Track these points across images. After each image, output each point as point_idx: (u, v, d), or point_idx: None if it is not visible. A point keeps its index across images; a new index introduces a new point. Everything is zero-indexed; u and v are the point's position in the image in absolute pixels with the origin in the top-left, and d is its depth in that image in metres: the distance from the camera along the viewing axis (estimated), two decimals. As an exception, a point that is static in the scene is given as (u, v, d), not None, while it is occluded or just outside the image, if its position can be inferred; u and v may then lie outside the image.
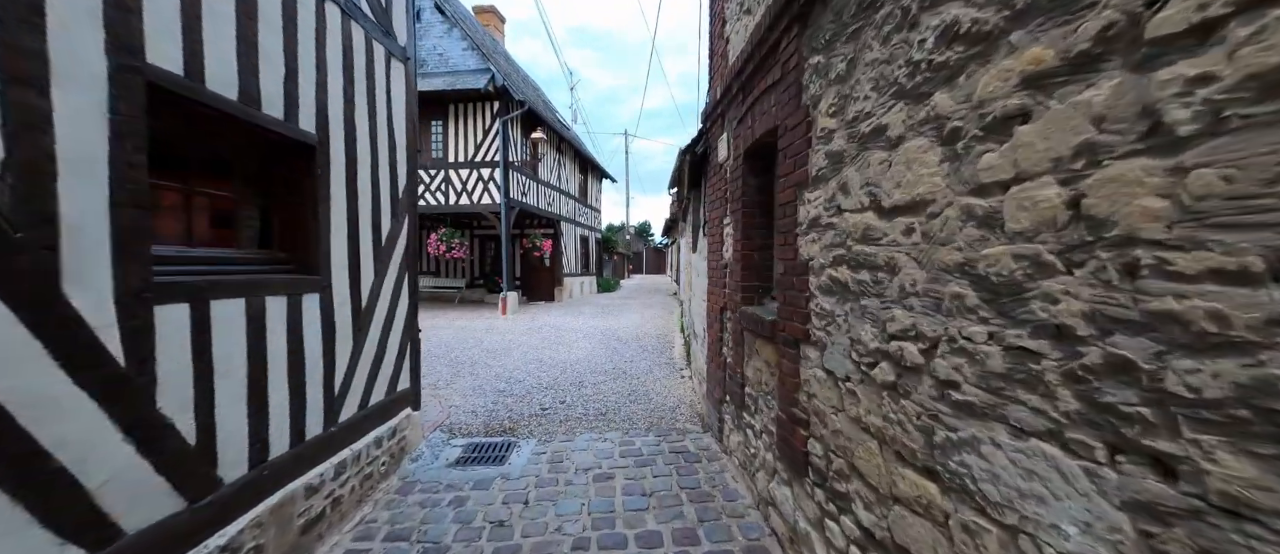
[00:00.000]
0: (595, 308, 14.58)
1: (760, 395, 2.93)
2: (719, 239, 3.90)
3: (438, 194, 12.45)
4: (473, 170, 12.27)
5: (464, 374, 6.26)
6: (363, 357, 3.13)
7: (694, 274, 6.11)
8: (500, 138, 11.96)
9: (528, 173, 13.68)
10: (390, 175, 3.51)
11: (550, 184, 15.83)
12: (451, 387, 5.68)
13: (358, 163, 3.10)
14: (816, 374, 2.10)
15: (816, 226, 2.09)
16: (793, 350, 2.32)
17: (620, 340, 8.80)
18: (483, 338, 8.97)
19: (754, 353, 3.05)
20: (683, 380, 5.94)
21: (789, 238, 2.41)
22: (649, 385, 5.72)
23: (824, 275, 2.01)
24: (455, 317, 12.00)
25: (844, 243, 1.84)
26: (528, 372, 6.37)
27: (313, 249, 2.74)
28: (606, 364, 6.82)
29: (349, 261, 3.01)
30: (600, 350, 7.86)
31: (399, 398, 3.61)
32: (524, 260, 16.71)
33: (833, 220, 1.93)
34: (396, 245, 3.58)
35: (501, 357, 7.35)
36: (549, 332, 9.76)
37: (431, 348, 7.86)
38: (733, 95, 3.42)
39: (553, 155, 16.24)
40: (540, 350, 7.83)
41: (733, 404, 3.50)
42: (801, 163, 2.23)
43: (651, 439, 4.07)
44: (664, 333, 9.72)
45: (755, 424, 3.02)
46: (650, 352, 7.78)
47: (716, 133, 4.04)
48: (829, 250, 1.97)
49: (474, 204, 12.27)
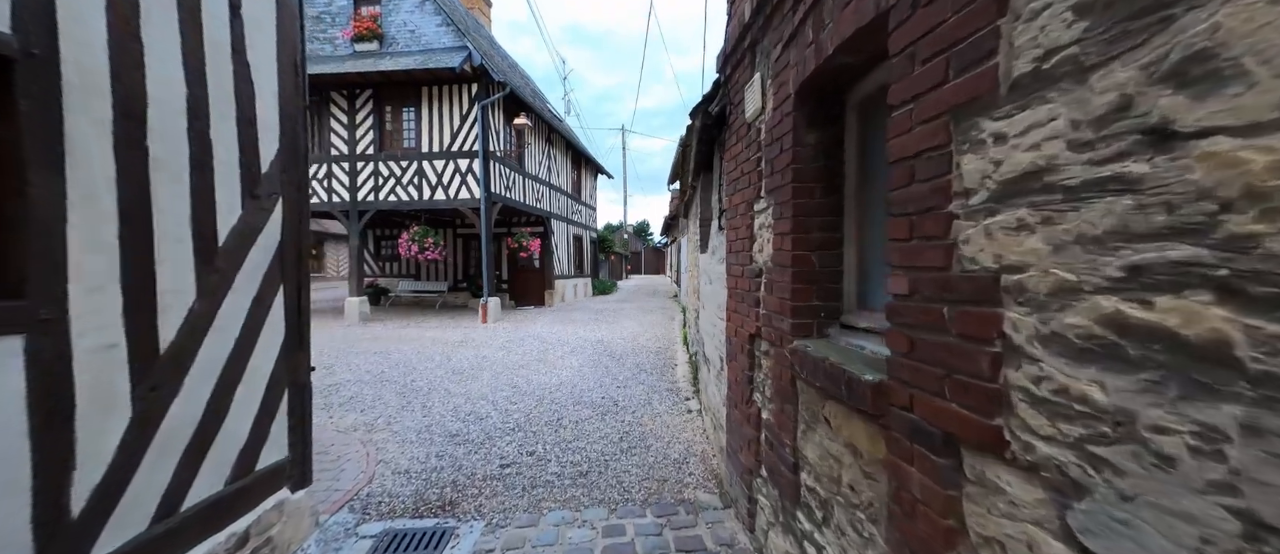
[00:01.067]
0: (588, 314, 13.33)
1: (839, 503, 1.68)
2: (747, 232, 2.66)
3: (410, 188, 11.17)
4: (449, 162, 11.00)
5: (414, 407, 5.00)
6: (163, 431, 1.87)
7: (703, 279, 4.85)
8: (479, 124, 10.69)
9: (512, 165, 12.42)
10: (238, 136, 2.24)
11: (539, 178, 14.56)
12: (391, 427, 4.43)
13: (152, 104, 1.84)
14: (1033, 539, 0.85)
15: (1030, 193, 0.86)
16: (942, 457, 1.08)
17: (614, 356, 7.54)
18: (453, 353, 7.71)
19: (820, 422, 1.81)
20: (690, 416, 4.68)
21: (925, 223, 1.16)
22: (647, 425, 4.46)
23: (1070, 311, 0.77)
24: (431, 325, 10.74)
25: (1168, 229, 0.60)
26: (495, 403, 5.12)
27: (10, 252, 1.48)
28: (594, 392, 5.57)
29: (126, 273, 1.75)
30: (589, 371, 6.60)
31: (262, 480, 2.35)
32: (511, 262, 15.45)
33: (1110, 171, 0.70)
34: (252, 246, 2.32)
35: (468, 380, 6.09)
36: (532, 345, 8.50)
37: (386, 370, 6.60)
38: (774, 6, 2.17)
39: (542, 147, 14.98)
40: (517, 371, 6.57)
41: (775, 487, 2.25)
42: (974, 59, 0.99)
43: (649, 522, 2.83)
44: (664, 346, 8.46)
45: (827, 546, 1.77)
46: (649, 372, 6.52)
47: (741, 78, 2.79)
48: (1093, 249, 0.73)
49: (450, 199, 11.00)
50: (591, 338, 9.18)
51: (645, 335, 9.55)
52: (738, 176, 2.86)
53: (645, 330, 10.19)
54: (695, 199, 6.10)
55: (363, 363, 7.02)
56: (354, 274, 11.41)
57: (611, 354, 7.66)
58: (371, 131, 11.23)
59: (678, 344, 8.63)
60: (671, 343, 8.76)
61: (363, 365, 6.87)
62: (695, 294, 5.95)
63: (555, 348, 8.20)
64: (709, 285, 4.33)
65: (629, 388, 5.69)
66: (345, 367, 6.79)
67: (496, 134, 11.39)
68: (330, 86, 11.16)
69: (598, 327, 10.69)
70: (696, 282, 5.89)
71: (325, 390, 5.60)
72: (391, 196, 11.24)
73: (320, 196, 11.53)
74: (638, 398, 5.29)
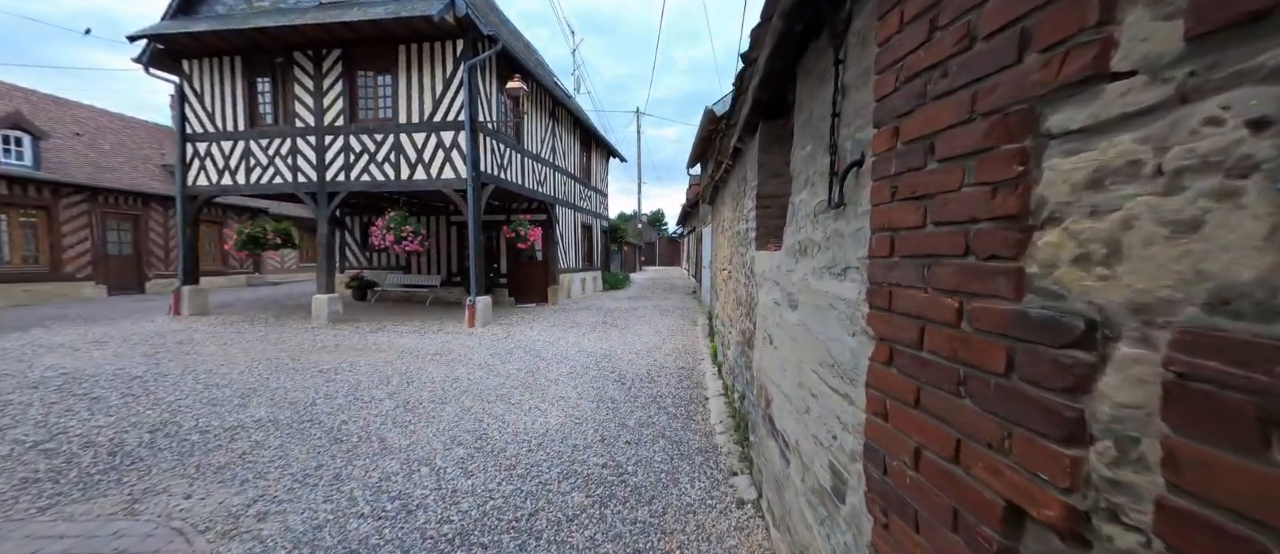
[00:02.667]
0: (596, 314, 11.58)
1: None
2: (916, 208, 0.90)
3: (386, 167, 9.47)
4: (431, 135, 9.26)
5: (322, 478, 3.29)
6: None
7: (769, 296, 3.03)
8: (465, 90, 8.91)
9: (508, 140, 10.64)
10: None
11: (541, 158, 12.78)
12: (262, 528, 2.72)
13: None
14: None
15: None
16: None
17: (623, 381, 5.77)
18: (419, 372, 6.01)
19: None
20: (742, 516, 2.90)
21: None
22: (671, 528, 2.69)
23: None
24: (410, 329, 9.08)
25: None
26: (442, 475, 3.39)
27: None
28: (593, 451, 3.81)
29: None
30: (589, 406, 4.84)
31: None
32: (510, 253, 13.75)
33: None
34: None
35: (422, 421, 4.37)
36: (520, 361, 6.77)
37: (320, 401, 4.91)
38: None
39: (545, 123, 13.18)
40: (492, 403, 4.85)
41: None
42: None
43: None
44: (688, 364, 6.67)
45: None
46: (671, 411, 4.75)
47: None
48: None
49: (432, 179, 9.27)
50: (596, 351, 7.42)
51: (663, 347, 7.77)
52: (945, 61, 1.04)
53: (663, 339, 8.42)
54: (740, 168, 4.27)
55: (296, 387, 5.35)
56: (323, 267, 9.78)
57: (620, 378, 5.90)
58: (341, 98, 9.53)
59: (705, 359, 6.84)
60: (696, 358, 6.97)
61: (294, 392, 5.20)
62: (741, 310, 4.14)
63: (549, 366, 6.46)
64: (780, 312, 2.52)
65: (644, 445, 3.92)
66: (269, 393, 5.12)
67: (487, 103, 9.61)
68: (293, 46, 9.47)
69: (605, 333, 8.94)
70: (742, 288, 4.08)
71: (220, 437, 3.93)
72: (365, 176, 9.55)
73: (284, 176, 9.89)
74: (657, 466, 3.52)
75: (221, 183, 10.25)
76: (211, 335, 8.39)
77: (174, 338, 8.12)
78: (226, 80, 10.05)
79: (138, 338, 8.06)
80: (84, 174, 14.09)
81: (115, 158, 15.85)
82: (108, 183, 14.40)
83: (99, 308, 11.95)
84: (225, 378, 5.73)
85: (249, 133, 9.99)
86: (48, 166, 13.39)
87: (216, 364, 6.39)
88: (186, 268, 10.60)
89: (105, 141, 16.17)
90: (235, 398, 5.01)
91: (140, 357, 6.73)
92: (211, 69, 10.09)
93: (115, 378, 5.65)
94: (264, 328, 9.17)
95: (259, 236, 10.22)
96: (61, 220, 13.57)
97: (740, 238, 4.20)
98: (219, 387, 5.38)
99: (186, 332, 8.69)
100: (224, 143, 10.14)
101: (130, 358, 6.65)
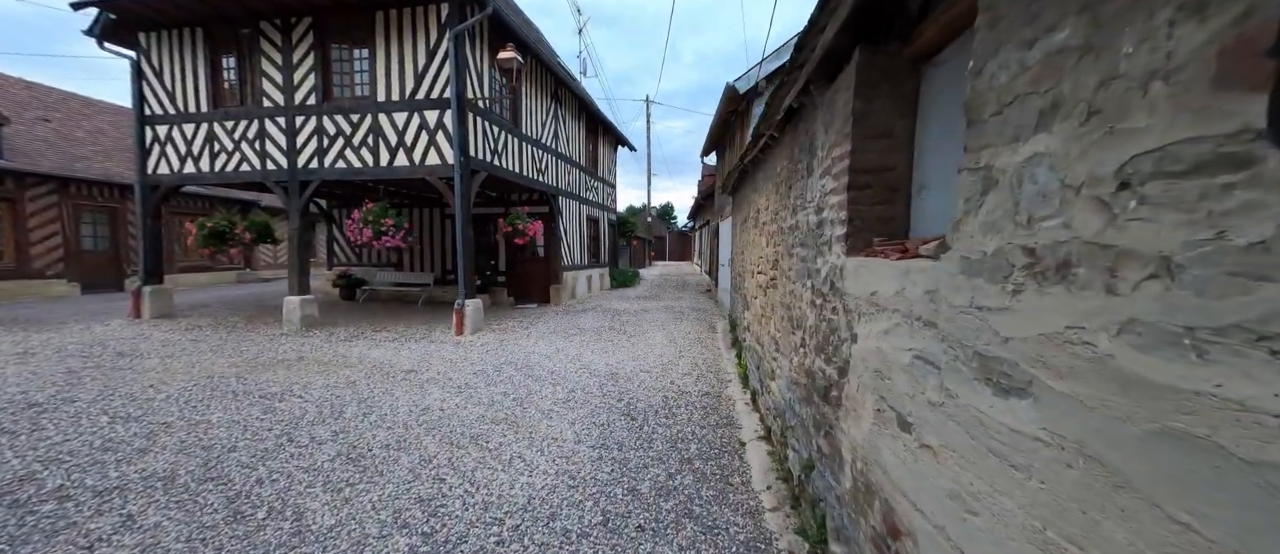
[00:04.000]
0: (603, 318, 10.41)
1: None
2: None
3: (363, 152, 8.33)
4: (413, 115, 8.11)
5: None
6: None
7: (853, 323, 1.81)
8: (451, 61, 7.73)
9: (503, 123, 9.46)
10: None
11: (541, 144, 11.59)
12: None
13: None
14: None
15: None
16: None
17: (634, 415, 4.59)
18: (379, 401, 4.88)
19: None
20: None
21: None
22: None
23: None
24: (388, 338, 7.97)
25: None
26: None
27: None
28: (590, 545, 2.64)
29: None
30: (587, 459, 3.68)
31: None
32: (509, 249, 12.61)
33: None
34: None
35: (360, 486, 3.23)
36: (508, 382, 5.62)
37: (245, 444, 3.78)
38: None
39: (547, 105, 11.98)
40: (459, 458, 3.69)
41: None
42: None
43: None
44: (712, 388, 5.48)
45: None
46: (699, 471, 3.57)
47: None
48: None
49: (415, 165, 8.12)
50: (601, 368, 6.25)
51: (680, 363, 6.59)
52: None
53: (679, 351, 7.24)
54: (793, 138, 3.04)
55: (223, 421, 4.24)
56: (294, 266, 8.69)
57: (630, 409, 4.72)
58: (313, 73, 8.39)
59: (732, 381, 5.66)
60: (720, 378, 5.79)
61: (216, 429, 4.09)
62: (799, 336, 2.93)
63: (542, 389, 5.31)
64: (992, 399, 1.33)
65: (663, 533, 2.74)
66: (186, 430, 4.01)
67: (478, 78, 8.43)
68: (258, 14, 8.34)
69: (612, 343, 7.77)
70: (803, 309, 2.87)
71: (82, 506, 2.80)
72: (340, 162, 8.43)
73: (252, 163, 8.79)
74: (687, 581, 2.35)
75: (184, 171, 9.18)
76: (162, 344, 7.33)
77: (116, 348, 7.06)
78: (187, 55, 8.95)
79: (74, 348, 7.01)
80: (52, 163, 13.11)
81: (89, 146, 14.87)
82: (80, 173, 13.41)
83: (61, 308, 10.97)
84: (145, 406, 4.63)
85: (213, 114, 8.89)
86: (11, 154, 12.42)
87: (145, 385, 5.31)
88: (149, 265, 9.56)
89: (79, 128, 15.19)
90: (139, 437, 3.91)
91: (60, 374, 5.67)
92: (171, 42, 8.99)
93: (6, 406, 4.57)
94: (226, 334, 8.10)
95: (225, 231, 9.15)
96: (27, 213, 12.62)
97: (798, 235, 2.99)
98: (129, 420, 4.28)
99: (135, 340, 7.64)
100: (186, 126, 9.05)
101: (46, 376, 5.58)
